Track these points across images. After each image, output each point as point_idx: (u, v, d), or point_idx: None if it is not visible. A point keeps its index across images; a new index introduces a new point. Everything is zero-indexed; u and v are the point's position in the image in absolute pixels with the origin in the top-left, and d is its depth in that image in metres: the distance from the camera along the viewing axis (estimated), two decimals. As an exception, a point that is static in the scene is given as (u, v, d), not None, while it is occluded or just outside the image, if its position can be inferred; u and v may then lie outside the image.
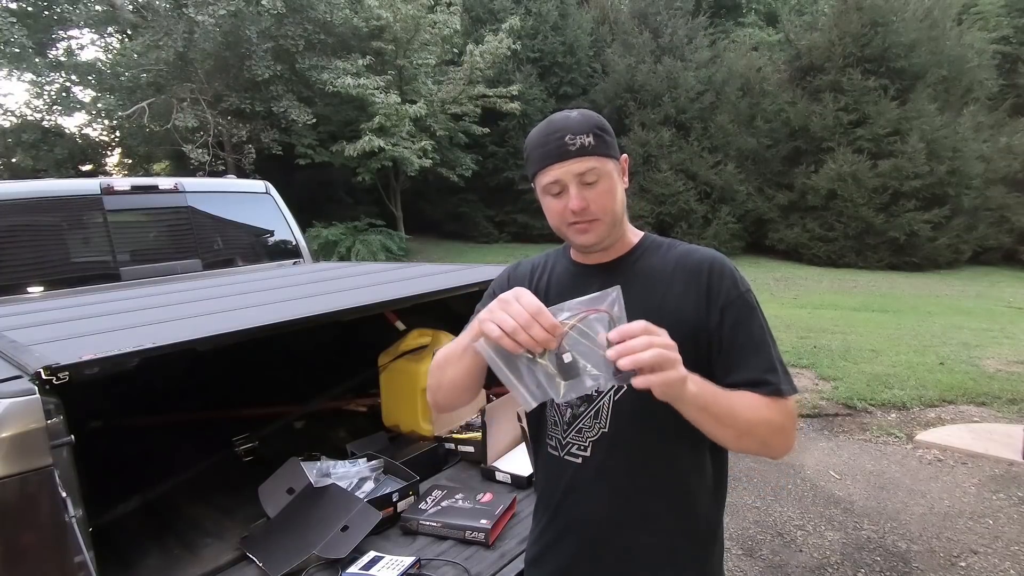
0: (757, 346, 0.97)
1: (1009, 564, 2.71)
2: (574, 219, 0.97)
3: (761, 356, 0.96)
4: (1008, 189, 14.55)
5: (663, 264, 1.03)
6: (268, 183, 3.73)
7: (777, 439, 0.94)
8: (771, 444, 0.94)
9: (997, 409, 4.53)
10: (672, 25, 16.05)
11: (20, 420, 0.96)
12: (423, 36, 13.33)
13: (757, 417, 0.91)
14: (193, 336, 1.29)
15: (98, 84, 13.08)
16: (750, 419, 0.90)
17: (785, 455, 0.98)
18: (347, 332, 2.45)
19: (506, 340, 0.78)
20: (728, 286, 0.99)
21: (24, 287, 2.69)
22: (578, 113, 0.99)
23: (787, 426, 0.94)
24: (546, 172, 0.96)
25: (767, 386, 0.93)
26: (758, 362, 0.95)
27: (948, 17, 14.82)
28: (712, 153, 15.14)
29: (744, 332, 0.97)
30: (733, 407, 0.89)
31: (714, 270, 1.00)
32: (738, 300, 0.98)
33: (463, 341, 0.98)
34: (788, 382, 0.96)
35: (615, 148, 1.00)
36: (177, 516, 1.79)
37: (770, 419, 0.92)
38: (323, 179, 14.67)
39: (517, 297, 0.81)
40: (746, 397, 0.92)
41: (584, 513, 1.04)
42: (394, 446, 2.15)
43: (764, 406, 0.92)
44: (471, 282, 1.96)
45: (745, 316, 0.98)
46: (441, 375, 1.03)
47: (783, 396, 0.94)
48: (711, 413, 0.86)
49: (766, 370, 0.95)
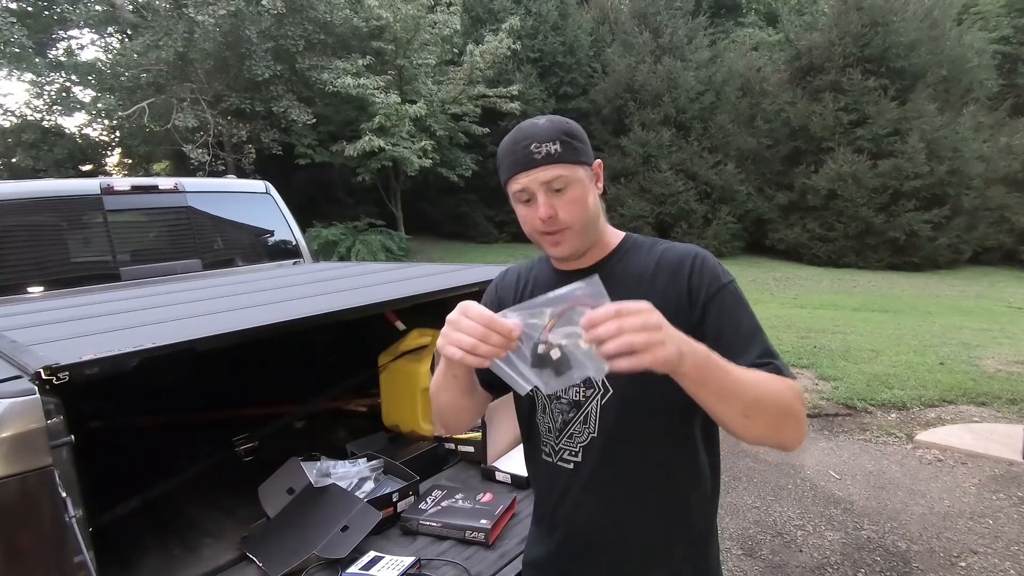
0: (750, 334, 0.93)
1: (1009, 564, 2.71)
2: (544, 228, 0.96)
3: (755, 343, 0.92)
4: (1008, 189, 14.56)
5: (643, 265, 1.01)
6: (268, 183, 3.73)
7: (788, 421, 0.87)
8: (782, 426, 0.87)
9: (997, 409, 4.53)
10: (672, 25, 16.05)
11: (20, 420, 0.96)
12: (423, 36, 13.32)
13: (765, 391, 0.84)
14: (193, 336, 1.28)
15: (98, 84, 13.07)
16: (758, 393, 0.83)
17: (798, 445, 0.91)
18: (347, 332, 2.45)
19: (470, 358, 0.78)
20: (709, 280, 0.95)
21: (24, 287, 2.69)
22: (546, 120, 0.98)
23: (796, 407, 0.87)
24: (515, 180, 0.96)
25: (768, 366, 0.88)
26: (753, 348, 0.91)
27: (948, 17, 14.83)
28: (712, 153, 15.14)
29: (732, 322, 0.93)
30: (739, 378, 0.82)
31: (695, 265, 0.97)
32: (722, 292, 0.95)
33: (442, 366, 0.99)
34: (787, 370, 0.90)
35: (585, 154, 0.98)
36: (177, 516, 1.79)
37: (779, 393, 0.85)
38: (323, 179, 14.67)
39: (465, 312, 0.80)
40: (752, 372, 0.85)
41: (578, 518, 1.04)
42: (394, 446, 2.15)
43: (771, 379, 0.86)
44: (471, 282, 1.96)
45: (731, 307, 0.94)
46: (439, 402, 1.06)
47: (786, 375, 0.89)
48: (713, 386, 0.80)
49: (762, 354, 0.90)
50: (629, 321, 0.71)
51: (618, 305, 0.72)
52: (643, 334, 0.70)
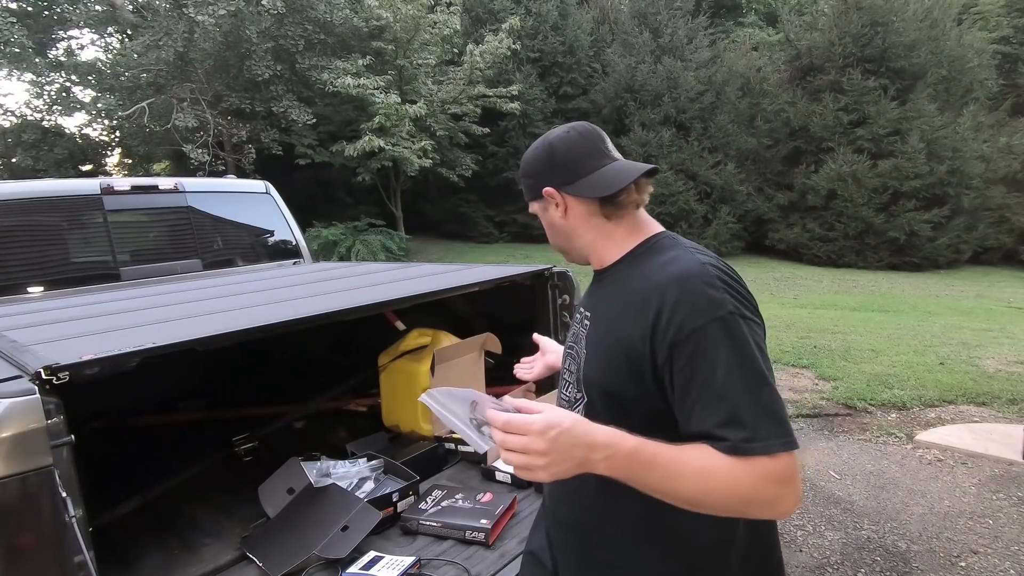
0: (719, 392, 0.78)
1: (1009, 564, 2.71)
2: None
3: (720, 405, 0.78)
4: (1008, 189, 14.55)
5: (640, 277, 0.93)
6: (268, 183, 3.73)
7: (751, 508, 0.78)
8: (744, 512, 0.80)
9: (997, 409, 4.53)
10: (672, 25, 16.04)
11: (20, 420, 0.96)
12: (423, 36, 13.32)
13: (708, 487, 0.75)
14: (193, 336, 1.29)
15: (98, 84, 13.05)
16: (698, 490, 0.76)
17: (786, 515, 0.83)
18: (347, 332, 2.45)
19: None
20: (683, 317, 0.81)
21: (24, 287, 2.69)
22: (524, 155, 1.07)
23: (762, 493, 0.75)
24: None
25: (721, 442, 0.76)
26: (714, 412, 0.78)
27: (948, 17, 14.83)
28: (712, 153, 15.13)
29: (701, 374, 0.79)
30: (672, 476, 0.76)
31: (668, 297, 0.83)
32: (698, 333, 0.80)
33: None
34: (760, 435, 0.75)
35: (533, 189, 1.03)
36: (177, 516, 1.79)
37: (727, 488, 0.75)
38: (323, 179, 14.67)
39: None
40: (696, 461, 0.76)
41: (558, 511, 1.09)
42: (394, 446, 2.15)
43: (719, 470, 0.75)
44: (471, 282, 1.96)
45: (706, 352, 0.79)
46: None
47: (746, 454, 0.75)
48: (640, 485, 0.77)
49: (723, 423, 0.77)
50: (511, 440, 0.75)
51: (506, 419, 0.76)
52: (522, 457, 0.75)
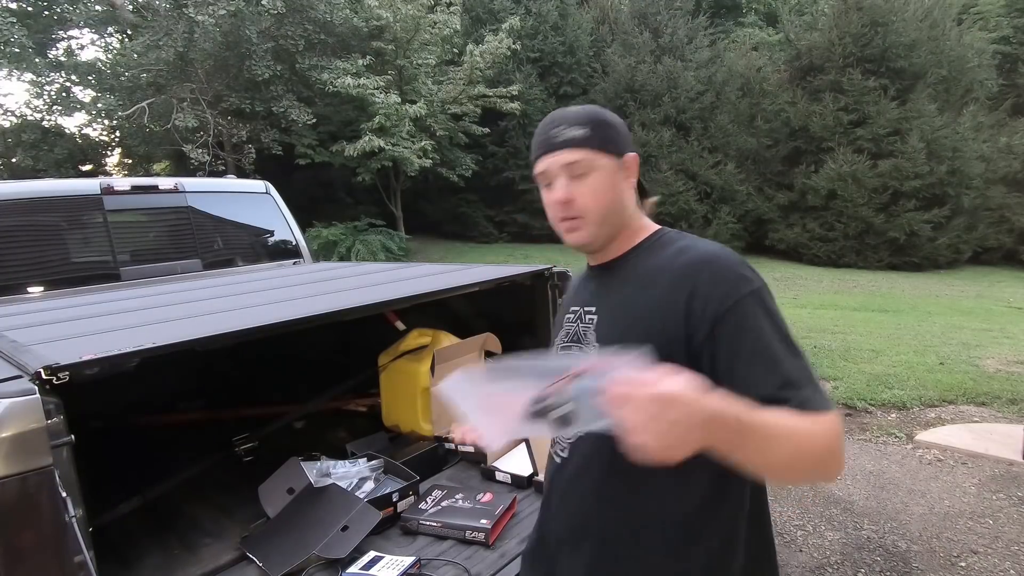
0: (772, 357, 0.80)
1: (1009, 564, 2.71)
2: (561, 213, 0.94)
3: (776, 370, 0.79)
4: (1008, 189, 14.57)
5: (655, 266, 0.92)
6: (268, 183, 3.73)
7: (824, 466, 0.78)
8: (817, 475, 0.82)
9: (997, 409, 4.52)
10: (672, 25, 16.04)
11: (20, 420, 0.96)
12: (423, 36, 13.32)
13: (795, 446, 0.74)
14: (193, 336, 1.29)
15: (98, 84, 13.06)
16: (786, 452, 0.73)
17: (835, 478, 0.87)
18: (347, 332, 2.45)
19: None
20: (723, 292, 0.83)
21: (24, 287, 2.68)
22: (581, 107, 0.98)
23: (834, 446, 0.76)
24: (538, 162, 0.96)
25: (786, 403, 0.76)
26: (771, 376, 0.79)
27: (948, 17, 14.84)
28: (712, 153, 15.13)
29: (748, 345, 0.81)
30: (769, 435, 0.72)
31: (702, 276, 0.84)
32: (737, 307, 0.82)
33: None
34: (817, 396, 0.78)
35: (616, 144, 0.95)
36: (177, 516, 1.79)
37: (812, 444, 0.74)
38: (323, 179, 14.66)
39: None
40: (780, 422, 0.74)
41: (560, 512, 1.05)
42: (394, 446, 2.15)
43: (803, 426, 0.75)
44: (471, 282, 1.96)
45: (749, 324, 0.81)
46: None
47: (817, 409, 0.76)
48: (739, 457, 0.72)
49: (782, 385, 0.78)
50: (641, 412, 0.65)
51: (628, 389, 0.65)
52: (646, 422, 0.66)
